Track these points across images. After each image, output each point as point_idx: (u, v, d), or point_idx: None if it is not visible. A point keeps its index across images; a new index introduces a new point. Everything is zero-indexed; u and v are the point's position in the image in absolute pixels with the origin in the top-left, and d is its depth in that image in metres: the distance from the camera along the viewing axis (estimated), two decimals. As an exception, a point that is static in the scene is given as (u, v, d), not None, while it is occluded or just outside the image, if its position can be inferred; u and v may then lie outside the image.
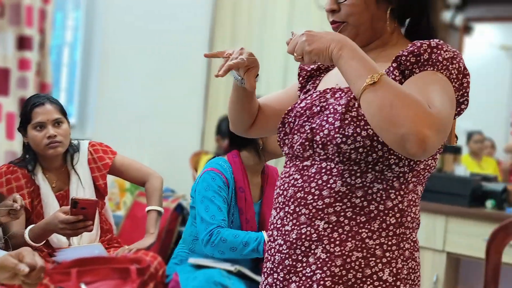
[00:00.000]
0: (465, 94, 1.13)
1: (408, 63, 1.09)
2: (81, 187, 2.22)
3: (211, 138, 3.66)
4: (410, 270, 1.16)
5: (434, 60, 1.08)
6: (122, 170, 2.38)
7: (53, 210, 2.03)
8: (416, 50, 1.09)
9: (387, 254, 1.12)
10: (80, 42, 3.39)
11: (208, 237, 2.01)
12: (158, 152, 3.61)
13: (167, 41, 3.73)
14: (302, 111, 1.21)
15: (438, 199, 2.89)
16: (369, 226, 1.12)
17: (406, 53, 1.10)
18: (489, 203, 2.94)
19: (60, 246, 2.11)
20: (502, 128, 3.74)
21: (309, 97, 1.25)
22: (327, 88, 1.23)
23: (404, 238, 1.15)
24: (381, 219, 1.12)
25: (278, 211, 1.21)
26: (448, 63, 1.09)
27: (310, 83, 1.34)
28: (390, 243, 1.13)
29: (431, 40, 1.11)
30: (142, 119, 3.55)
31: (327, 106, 1.17)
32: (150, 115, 3.61)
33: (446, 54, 1.09)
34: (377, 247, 1.12)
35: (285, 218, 1.18)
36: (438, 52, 1.09)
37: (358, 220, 1.12)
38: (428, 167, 1.17)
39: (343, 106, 1.12)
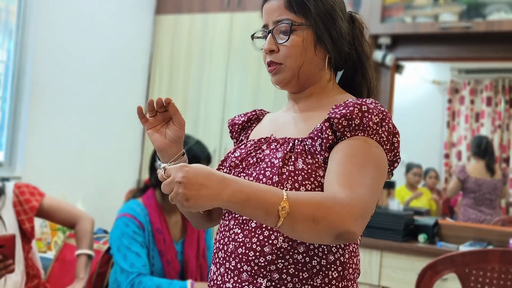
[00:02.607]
0: (397, 154, 1.15)
1: (340, 126, 1.10)
2: (5, 232, 2.12)
3: (149, 174, 3.60)
4: None
5: (365, 125, 1.09)
6: (50, 213, 2.30)
7: (-26, 257, 1.92)
8: (348, 114, 1.09)
9: None
10: (10, 75, 3.28)
11: None
12: (92, 189, 3.50)
13: (102, 74, 3.66)
14: (237, 161, 1.19)
15: (373, 235, 2.94)
16: (311, 282, 1.11)
17: (339, 116, 1.10)
18: (421, 237, 3.02)
19: (-20, 296, 2.00)
20: (436, 159, 3.87)
21: (243, 146, 1.23)
22: (262, 138, 1.22)
23: None
24: (323, 274, 1.11)
25: (218, 266, 1.17)
26: (378, 127, 1.10)
27: (242, 134, 1.33)
28: None
29: (363, 102, 1.12)
30: (75, 155, 3.45)
31: (263, 158, 1.16)
32: (83, 151, 3.51)
33: (376, 118, 1.10)
34: None
35: (226, 274, 1.15)
36: (369, 117, 1.10)
37: (301, 277, 1.10)
38: None
39: (280, 160, 1.11)
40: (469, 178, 3.52)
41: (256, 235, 1.12)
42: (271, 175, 1.11)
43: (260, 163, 1.16)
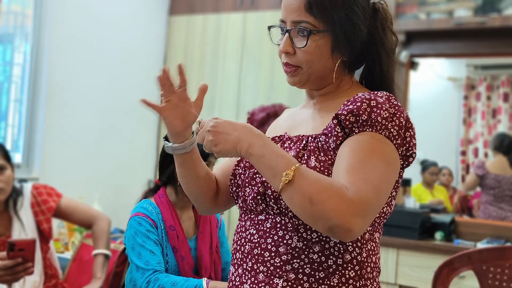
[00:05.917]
0: (410, 148, 1.11)
1: (347, 122, 1.07)
2: (24, 233, 2.15)
3: (164, 173, 3.62)
4: None
5: (373, 121, 1.06)
6: (67, 213, 2.32)
7: (-7, 258, 1.95)
8: (355, 110, 1.07)
9: None
10: (26, 78, 3.32)
11: (146, 285, 1.96)
12: (108, 189, 3.53)
13: (117, 75, 3.69)
14: None
15: (389, 233, 2.92)
16: (328, 282, 1.09)
17: (346, 112, 1.08)
18: (438, 235, 2.99)
19: (-1, 296, 2.03)
20: (452, 157, 3.84)
21: None
22: (276, 136, 1.21)
23: None
24: (340, 273, 1.09)
25: (236, 267, 1.18)
26: (387, 122, 1.07)
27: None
28: None
29: (373, 96, 1.09)
30: (92, 155, 3.48)
31: None
32: (99, 151, 3.54)
33: (385, 113, 1.07)
34: None
35: (243, 275, 1.15)
36: (378, 112, 1.06)
37: (317, 276, 1.09)
38: (384, 215, 1.15)
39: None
40: (489, 174, 3.47)
41: (271, 236, 1.12)
42: None
43: None
